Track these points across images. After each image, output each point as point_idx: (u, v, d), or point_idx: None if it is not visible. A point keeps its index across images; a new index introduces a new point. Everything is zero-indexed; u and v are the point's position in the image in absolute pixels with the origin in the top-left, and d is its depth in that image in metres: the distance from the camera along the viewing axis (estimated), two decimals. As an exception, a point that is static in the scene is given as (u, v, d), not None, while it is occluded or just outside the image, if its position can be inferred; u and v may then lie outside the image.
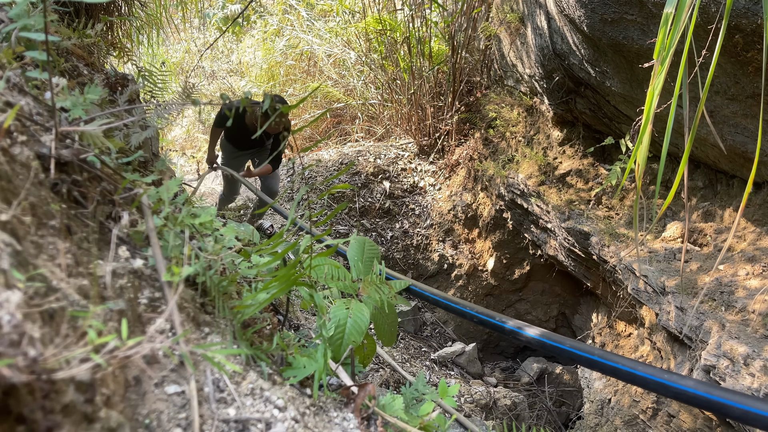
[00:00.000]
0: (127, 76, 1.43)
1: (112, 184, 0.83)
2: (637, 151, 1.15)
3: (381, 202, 4.58)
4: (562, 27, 2.63)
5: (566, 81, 2.99)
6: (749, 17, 1.63)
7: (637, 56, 2.21)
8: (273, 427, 0.67)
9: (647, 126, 1.11)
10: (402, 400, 0.91)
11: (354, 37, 5.32)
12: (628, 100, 2.57)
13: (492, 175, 3.91)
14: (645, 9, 1.97)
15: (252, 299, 0.86)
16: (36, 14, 0.89)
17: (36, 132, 0.75)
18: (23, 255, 0.55)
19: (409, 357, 3.59)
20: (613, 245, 2.76)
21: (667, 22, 1.05)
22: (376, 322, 1.22)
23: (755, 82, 1.85)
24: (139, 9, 2.82)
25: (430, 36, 4.45)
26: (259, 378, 0.75)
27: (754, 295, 2.04)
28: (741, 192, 2.45)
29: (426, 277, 4.52)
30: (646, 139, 1.13)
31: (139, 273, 0.74)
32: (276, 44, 6.10)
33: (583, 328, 3.98)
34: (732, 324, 1.98)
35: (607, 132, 3.15)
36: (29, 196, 0.63)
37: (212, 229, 0.89)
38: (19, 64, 0.89)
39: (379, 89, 5.22)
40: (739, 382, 1.78)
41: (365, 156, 4.86)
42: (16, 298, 0.47)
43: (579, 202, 3.14)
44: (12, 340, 0.43)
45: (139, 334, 0.65)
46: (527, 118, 3.83)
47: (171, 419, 0.61)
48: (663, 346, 2.62)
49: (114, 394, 0.55)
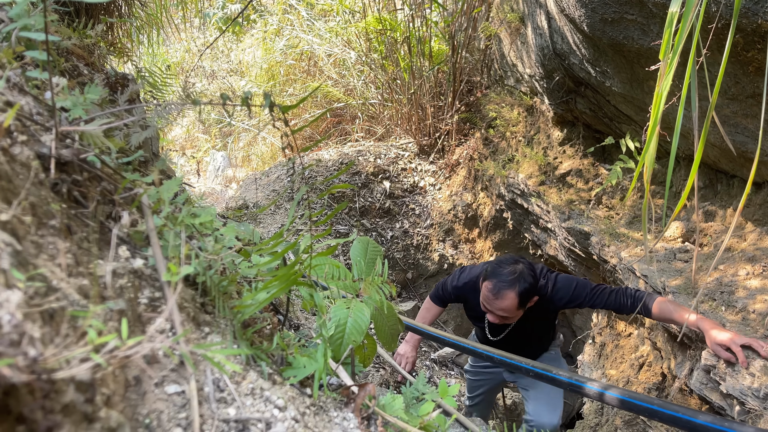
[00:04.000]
0: (127, 76, 1.43)
1: (112, 184, 0.83)
2: (646, 153, 1.14)
3: (381, 202, 4.58)
4: (563, 27, 2.63)
5: (566, 81, 2.99)
6: (749, 17, 1.63)
7: (637, 56, 2.21)
8: (273, 426, 0.67)
9: (655, 128, 1.10)
10: (402, 400, 0.91)
11: (354, 36, 5.32)
12: (629, 100, 2.57)
13: (492, 175, 3.91)
14: (645, 9, 1.97)
15: (252, 299, 0.86)
16: (36, 14, 0.89)
17: (36, 132, 0.75)
18: (23, 255, 0.55)
19: (409, 357, 3.59)
20: (614, 245, 2.76)
21: (672, 22, 1.05)
22: (376, 323, 1.21)
23: (755, 82, 1.85)
24: (139, 9, 2.82)
25: (430, 36, 4.45)
26: (259, 378, 0.75)
27: (754, 295, 2.04)
28: (741, 192, 2.45)
29: (426, 277, 4.52)
30: (654, 142, 1.12)
31: (139, 273, 0.74)
32: (276, 44, 6.10)
33: (584, 327, 3.97)
34: (732, 324, 1.98)
35: (608, 132, 3.15)
36: (29, 196, 0.63)
37: (212, 228, 0.89)
38: (19, 63, 0.89)
39: (379, 89, 5.22)
40: (740, 383, 1.78)
41: (365, 156, 4.85)
42: (16, 297, 0.47)
43: (579, 202, 3.14)
44: (12, 339, 0.43)
45: (139, 334, 0.65)
46: (527, 117, 3.83)
47: (171, 419, 0.61)
48: (663, 346, 2.62)
49: (114, 393, 0.55)
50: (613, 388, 1.32)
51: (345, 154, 4.91)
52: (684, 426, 1.10)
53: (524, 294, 2.06)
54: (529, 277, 2.08)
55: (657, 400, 1.20)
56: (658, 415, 1.16)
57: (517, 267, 2.10)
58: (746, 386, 1.74)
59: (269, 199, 4.42)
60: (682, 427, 1.11)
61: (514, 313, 2.12)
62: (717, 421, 1.01)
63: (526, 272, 2.08)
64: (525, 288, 2.06)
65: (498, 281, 2.06)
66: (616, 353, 3.21)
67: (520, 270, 2.09)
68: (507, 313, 2.10)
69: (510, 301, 2.05)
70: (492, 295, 2.07)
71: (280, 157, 6.06)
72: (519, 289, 2.05)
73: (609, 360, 3.25)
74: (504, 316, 2.13)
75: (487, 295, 2.09)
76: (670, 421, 1.13)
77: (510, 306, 2.06)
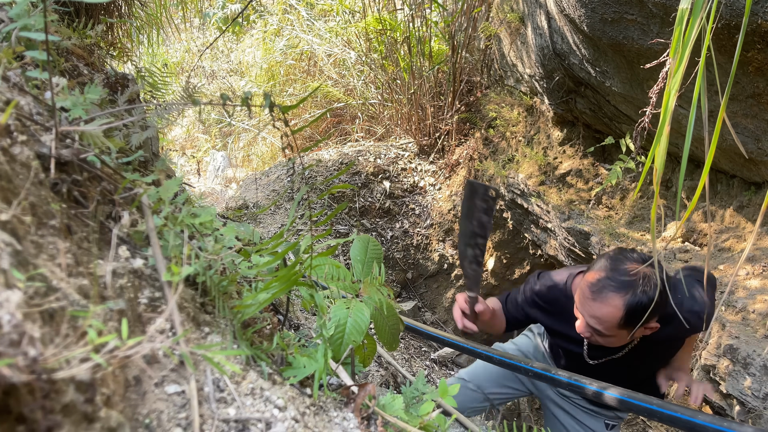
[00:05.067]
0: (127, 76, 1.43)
1: (112, 184, 0.83)
2: (655, 150, 1.09)
3: (381, 202, 4.58)
4: (563, 27, 2.63)
5: (566, 81, 2.99)
6: (749, 17, 1.63)
7: (637, 56, 2.21)
8: (273, 426, 0.67)
9: (664, 129, 1.07)
10: (402, 400, 0.91)
11: (354, 36, 5.32)
12: (629, 99, 2.57)
13: (492, 175, 3.91)
14: (645, 9, 1.97)
15: (252, 299, 0.86)
16: (36, 14, 0.89)
17: (36, 132, 0.75)
18: (23, 255, 0.55)
19: (410, 357, 3.59)
20: (614, 245, 2.76)
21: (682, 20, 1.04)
22: (376, 323, 1.22)
23: (755, 82, 1.85)
24: (139, 9, 2.82)
25: (430, 36, 4.45)
26: (259, 378, 0.75)
27: (754, 295, 2.04)
28: (741, 192, 2.46)
29: (426, 276, 4.52)
30: (663, 142, 1.07)
31: (139, 273, 0.74)
32: (276, 44, 6.10)
33: (583, 328, 3.97)
34: (732, 324, 1.98)
35: (608, 132, 3.15)
36: (29, 196, 0.63)
37: (212, 228, 0.89)
38: (19, 63, 0.89)
39: (379, 89, 5.22)
40: (739, 383, 1.78)
41: (365, 156, 4.85)
42: (16, 297, 0.47)
43: (579, 202, 3.14)
44: (12, 339, 0.43)
45: (139, 334, 0.65)
46: (527, 117, 3.83)
47: (171, 419, 0.61)
48: (663, 346, 2.62)
49: (114, 393, 0.55)
50: (612, 388, 1.32)
51: (345, 154, 4.91)
52: (683, 426, 1.10)
53: (634, 310, 1.44)
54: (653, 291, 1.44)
55: (656, 400, 1.20)
56: (658, 414, 1.16)
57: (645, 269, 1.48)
58: (746, 386, 1.74)
59: (269, 199, 4.42)
60: (681, 427, 1.11)
61: (613, 331, 1.50)
62: (716, 421, 1.01)
63: (651, 283, 1.45)
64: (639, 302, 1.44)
65: (606, 277, 1.47)
66: (616, 353, 3.21)
67: (643, 276, 1.46)
68: (601, 326, 1.49)
69: (610, 310, 1.45)
70: (590, 293, 1.49)
71: (280, 157, 6.06)
72: (629, 299, 1.44)
73: (609, 360, 3.25)
74: (596, 330, 1.52)
75: (584, 291, 1.51)
76: (669, 421, 1.13)
77: (608, 316, 1.46)
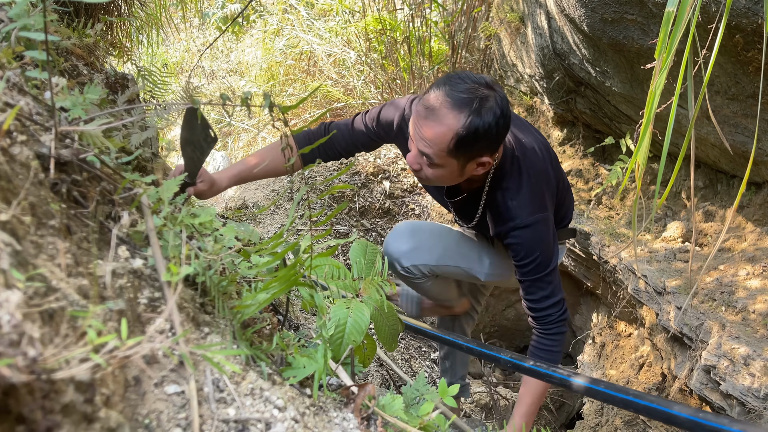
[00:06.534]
0: (127, 76, 1.43)
1: (112, 184, 0.83)
2: (638, 151, 1.15)
3: (381, 202, 4.58)
4: (563, 27, 2.63)
5: (566, 81, 2.99)
6: (749, 17, 1.63)
7: (637, 56, 2.21)
8: (273, 427, 0.67)
9: (648, 126, 1.11)
10: (402, 400, 0.91)
11: (354, 36, 5.32)
12: (629, 99, 2.57)
13: (492, 175, 3.91)
14: (645, 9, 1.97)
15: (252, 299, 0.86)
16: (36, 14, 0.89)
17: (36, 132, 0.75)
18: (23, 255, 0.55)
19: (409, 357, 3.59)
20: (614, 245, 2.76)
21: (668, 21, 1.06)
22: (376, 323, 1.22)
23: (755, 82, 1.85)
24: (139, 9, 2.82)
25: (430, 36, 4.45)
26: (259, 378, 0.75)
27: (754, 295, 2.04)
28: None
29: (426, 276, 4.52)
30: (647, 140, 1.13)
31: (138, 273, 0.74)
32: (276, 44, 6.10)
33: (584, 328, 3.97)
34: (732, 324, 1.98)
35: (608, 132, 3.15)
36: (29, 196, 0.63)
37: (212, 228, 0.89)
38: (19, 63, 0.89)
39: (379, 89, 5.22)
40: (739, 383, 1.78)
41: (365, 156, 4.85)
42: (16, 298, 0.47)
43: (579, 202, 3.14)
44: (12, 340, 0.43)
45: (138, 334, 0.65)
46: (527, 117, 3.84)
47: (171, 419, 0.61)
48: (663, 346, 2.62)
49: (114, 394, 0.55)
50: (580, 376, 1.27)
51: (345, 154, 4.90)
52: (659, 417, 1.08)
53: (466, 132, 1.26)
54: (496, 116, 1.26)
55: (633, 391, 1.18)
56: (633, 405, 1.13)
57: (485, 91, 1.27)
58: (746, 386, 1.74)
59: (269, 200, 4.42)
60: (657, 418, 1.09)
61: (443, 159, 1.32)
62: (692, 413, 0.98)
63: (495, 106, 1.27)
64: (472, 124, 1.25)
65: (443, 94, 1.27)
66: (616, 353, 3.21)
67: (485, 96, 1.26)
68: (430, 149, 1.30)
69: (442, 129, 1.26)
70: (424, 111, 1.29)
71: (280, 157, 6.05)
72: (463, 119, 1.25)
73: (609, 360, 3.25)
74: (426, 156, 1.33)
75: (419, 111, 1.31)
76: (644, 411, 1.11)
77: (439, 137, 1.28)
